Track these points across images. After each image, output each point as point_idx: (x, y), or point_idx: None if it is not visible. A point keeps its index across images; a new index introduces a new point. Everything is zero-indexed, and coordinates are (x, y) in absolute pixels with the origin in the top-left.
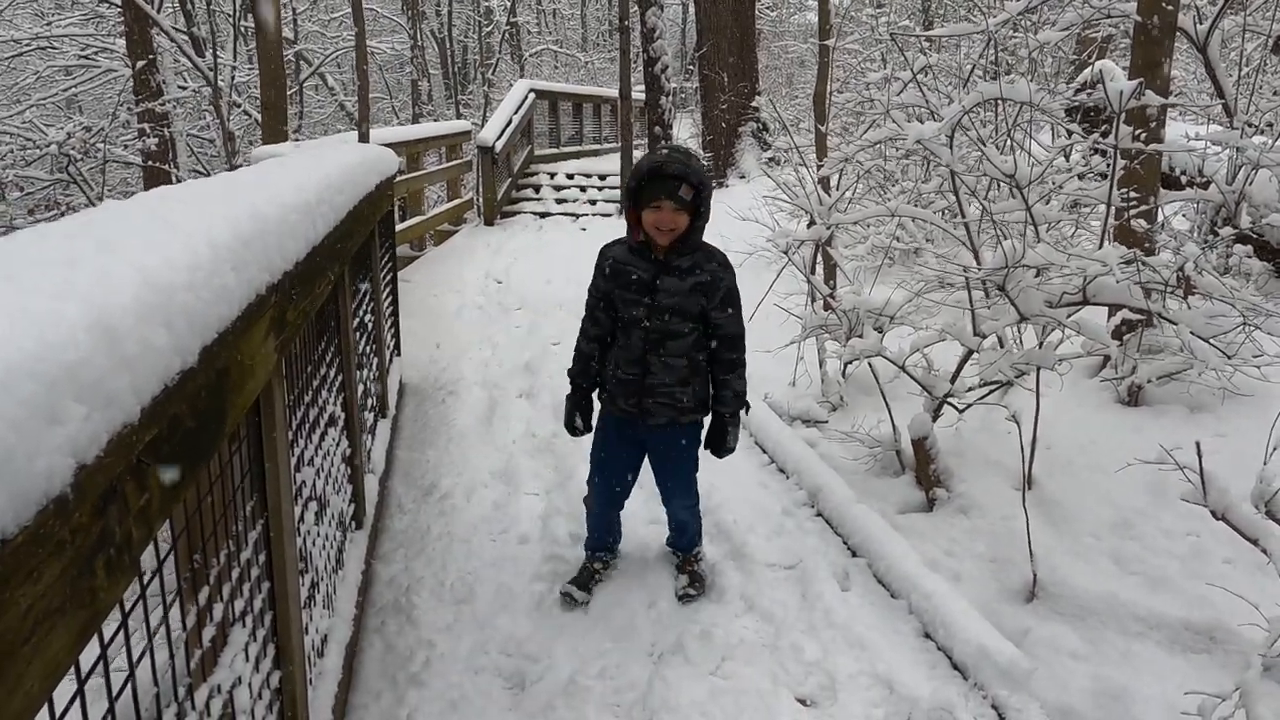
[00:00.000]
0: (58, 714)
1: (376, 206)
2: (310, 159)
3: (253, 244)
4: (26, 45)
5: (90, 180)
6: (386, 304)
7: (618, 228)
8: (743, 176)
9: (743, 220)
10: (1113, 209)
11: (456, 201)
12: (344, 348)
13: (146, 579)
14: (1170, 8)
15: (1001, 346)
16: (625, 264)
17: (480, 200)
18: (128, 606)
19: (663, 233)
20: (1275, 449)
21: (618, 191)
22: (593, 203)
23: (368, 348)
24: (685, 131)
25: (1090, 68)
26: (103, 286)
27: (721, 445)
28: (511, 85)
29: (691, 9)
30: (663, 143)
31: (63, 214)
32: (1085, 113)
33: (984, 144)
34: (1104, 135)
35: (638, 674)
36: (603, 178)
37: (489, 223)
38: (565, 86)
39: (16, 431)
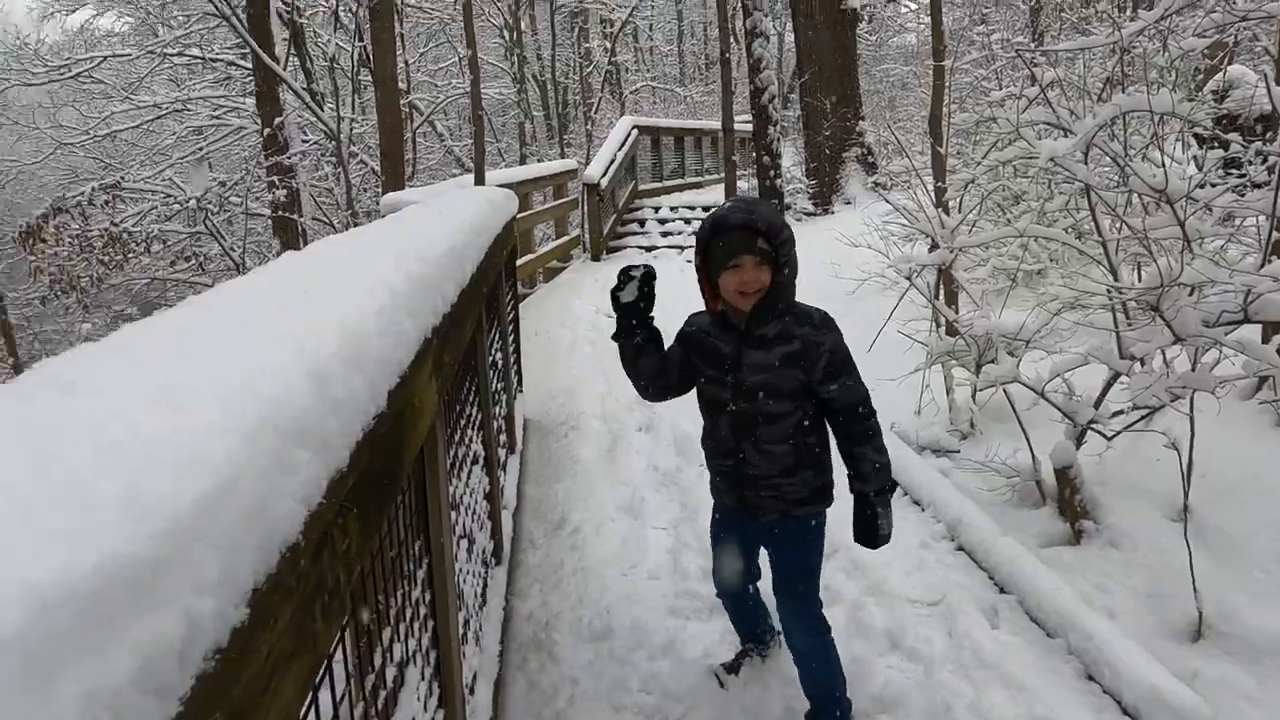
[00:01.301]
0: None
1: (503, 246)
2: (447, 205)
3: (422, 289)
4: (165, 109)
5: (223, 231)
6: (512, 341)
7: None
8: (849, 202)
9: (854, 246)
10: (1275, 221)
11: (564, 239)
12: (481, 386)
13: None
14: None
15: (1149, 369)
16: (706, 333)
17: (587, 236)
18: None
19: (746, 295)
20: None
21: None
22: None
23: (498, 385)
24: (788, 159)
25: (1221, 73)
26: (313, 334)
27: (874, 534)
28: (612, 122)
29: (790, 38)
30: (728, 199)
31: (200, 265)
32: (1219, 121)
33: (1128, 158)
34: (1248, 143)
35: (782, 710)
36: (706, 209)
37: (595, 258)
38: (667, 121)
39: (265, 480)
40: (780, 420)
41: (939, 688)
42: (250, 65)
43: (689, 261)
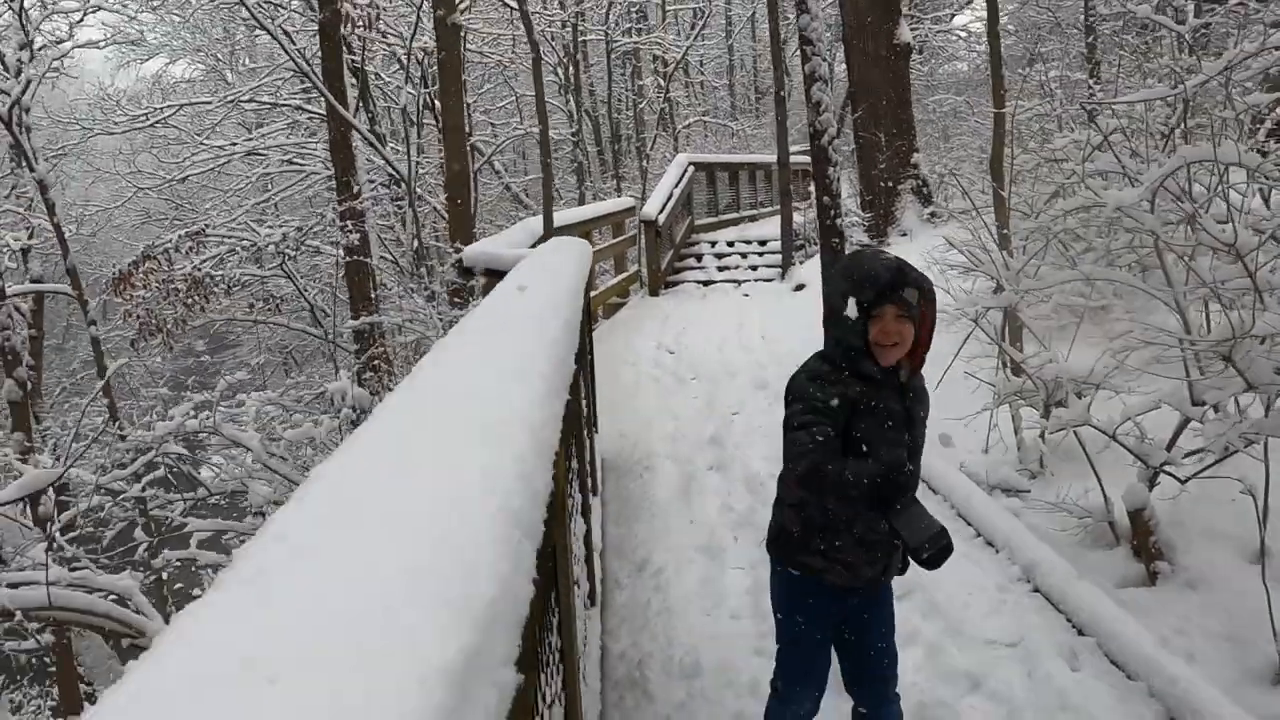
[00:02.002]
0: None
1: (583, 295)
2: (549, 269)
3: (559, 369)
4: (238, 152)
5: (300, 273)
6: (589, 383)
7: (779, 292)
8: (904, 234)
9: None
10: None
11: (624, 275)
12: (578, 433)
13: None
14: None
15: (1223, 414)
16: (865, 392)
17: (645, 272)
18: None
19: (887, 349)
20: None
21: (778, 256)
22: (754, 268)
23: (585, 429)
24: (844, 191)
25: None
26: (508, 434)
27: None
28: (666, 156)
29: (842, 68)
30: (879, 254)
31: (277, 307)
32: None
33: (1195, 205)
34: None
35: None
36: (763, 243)
37: (654, 293)
38: (721, 156)
39: (508, 562)
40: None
41: None
42: (315, 110)
43: (745, 295)
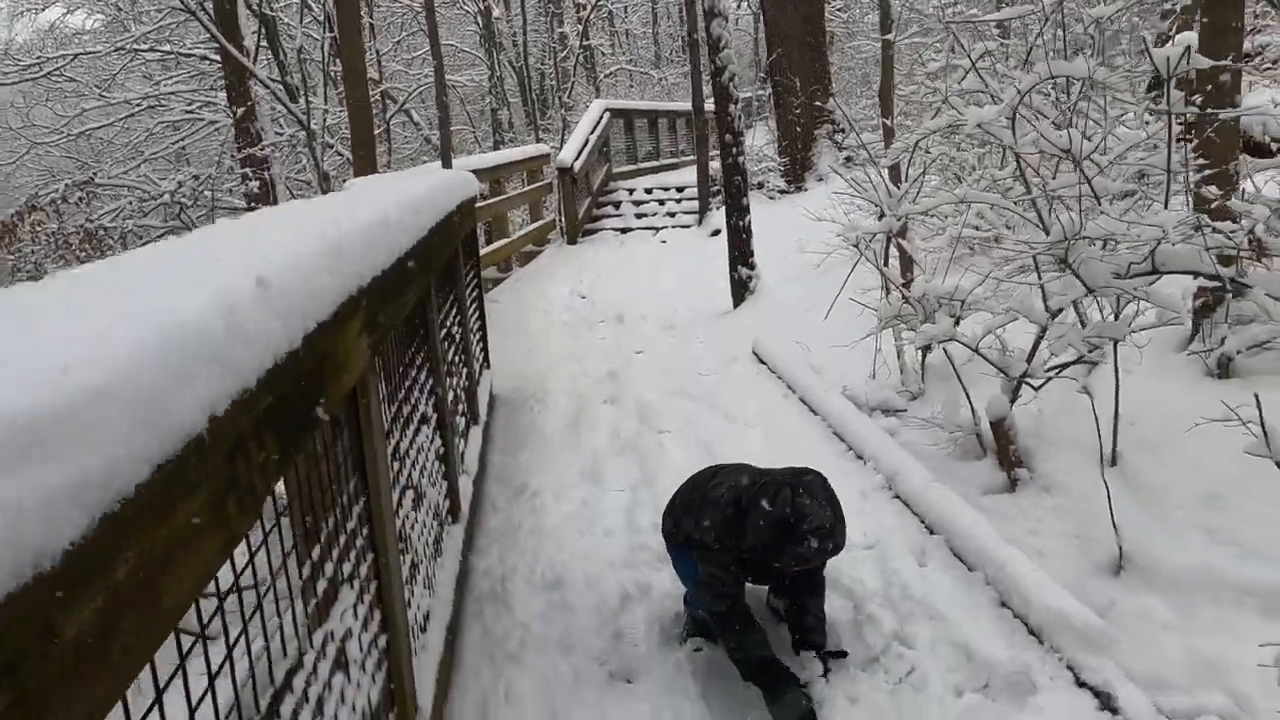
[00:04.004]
0: (204, 619)
1: (459, 227)
2: (390, 185)
3: (342, 252)
4: (138, 105)
5: (199, 225)
6: (474, 319)
7: (695, 237)
8: (820, 179)
9: (818, 220)
10: (1190, 178)
11: (539, 223)
12: (433, 354)
13: (269, 529)
14: None
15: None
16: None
17: (562, 220)
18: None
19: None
20: None
21: (695, 203)
22: (671, 215)
23: (456, 357)
24: (761, 138)
25: (1172, 40)
26: (225, 282)
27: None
28: (588, 107)
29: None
30: (810, 538)
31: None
32: (1150, 85)
33: (1039, 120)
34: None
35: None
36: (680, 190)
37: (572, 241)
38: (639, 103)
39: (178, 382)
40: None
41: (867, 621)
42: (219, 59)
43: (663, 242)
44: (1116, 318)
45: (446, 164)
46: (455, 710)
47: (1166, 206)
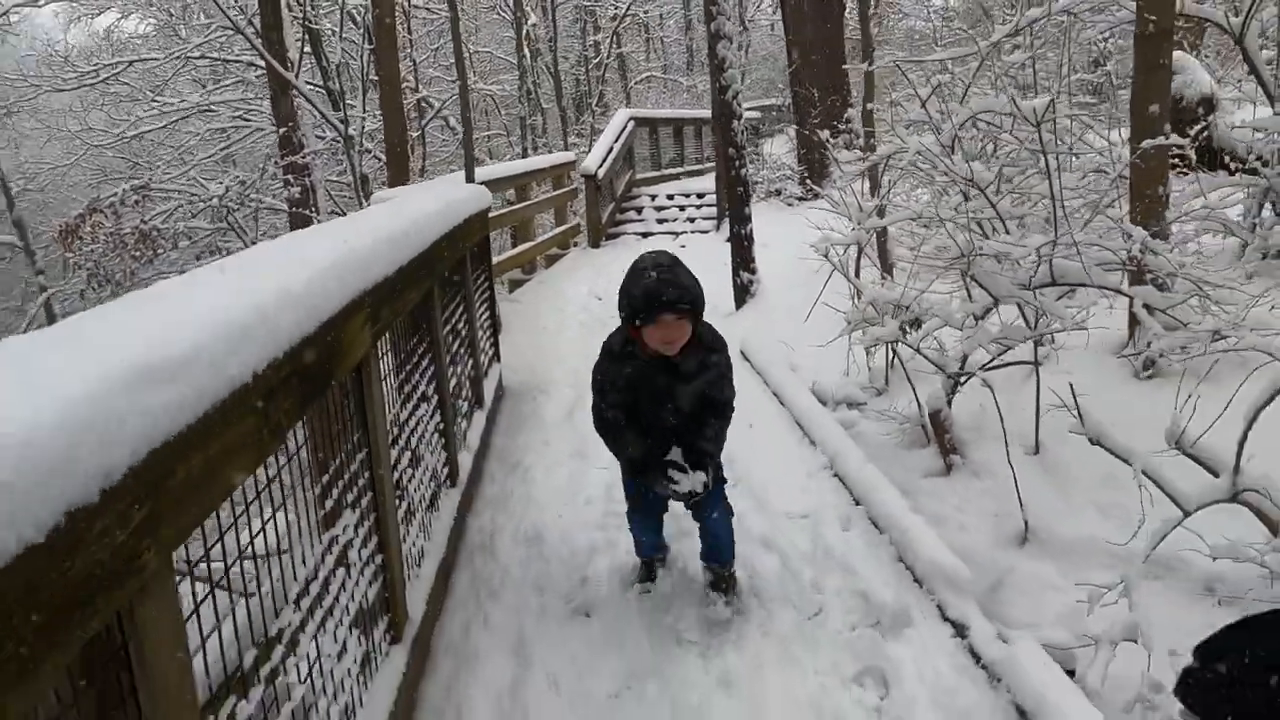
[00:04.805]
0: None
1: (466, 238)
2: (402, 202)
3: (346, 265)
4: (189, 111)
5: (245, 227)
6: (483, 317)
7: (712, 242)
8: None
9: (818, 229)
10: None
11: (563, 227)
12: (435, 344)
13: (290, 456)
14: (1165, 12)
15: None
16: (641, 373)
17: (586, 224)
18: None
19: (672, 344)
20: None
21: (714, 208)
22: (691, 220)
23: (462, 349)
24: (781, 147)
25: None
26: (253, 290)
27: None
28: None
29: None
30: (649, 270)
31: (224, 257)
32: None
33: (953, 150)
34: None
35: (669, 589)
36: (700, 196)
37: (594, 245)
38: (663, 112)
39: (230, 352)
40: (698, 419)
41: (790, 575)
42: (264, 67)
43: (682, 246)
44: (1034, 324)
45: (470, 176)
46: (444, 628)
47: (1056, 227)
